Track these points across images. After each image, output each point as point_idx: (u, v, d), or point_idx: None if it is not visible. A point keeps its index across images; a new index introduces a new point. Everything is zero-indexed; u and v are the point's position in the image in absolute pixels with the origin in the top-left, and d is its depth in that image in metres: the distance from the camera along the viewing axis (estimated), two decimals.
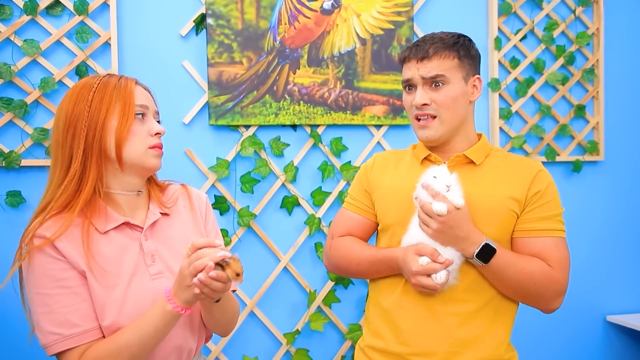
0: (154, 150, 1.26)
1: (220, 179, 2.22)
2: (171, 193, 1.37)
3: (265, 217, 2.28)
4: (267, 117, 2.24)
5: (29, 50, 2.02)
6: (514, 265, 1.37)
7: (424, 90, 1.43)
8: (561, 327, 2.61)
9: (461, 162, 1.46)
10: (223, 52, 2.19)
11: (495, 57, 2.50)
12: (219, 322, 1.29)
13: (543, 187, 1.42)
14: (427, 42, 1.44)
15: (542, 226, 1.40)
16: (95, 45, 2.09)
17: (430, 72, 1.41)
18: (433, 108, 1.43)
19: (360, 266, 1.52)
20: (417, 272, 1.34)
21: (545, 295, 1.40)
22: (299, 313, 2.32)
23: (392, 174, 1.54)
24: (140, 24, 2.16)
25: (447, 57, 1.42)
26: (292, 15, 2.27)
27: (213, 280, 1.08)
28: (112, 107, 1.21)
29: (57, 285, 1.16)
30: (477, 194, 1.40)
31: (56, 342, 1.14)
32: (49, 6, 2.06)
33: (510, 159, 1.49)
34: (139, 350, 1.14)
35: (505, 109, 2.51)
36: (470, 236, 1.34)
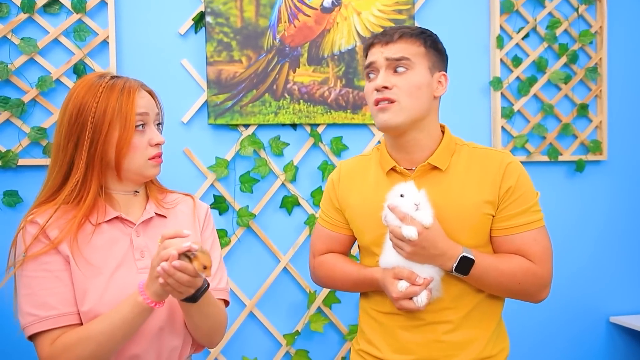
0: (153, 161, 1.28)
1: (219, 179, 2.20)
2: (173, 198, 1.37)
3: (265, 217, 2.26)
4: (266, 116, 2.22)
5: (26, 49, 2.00)
6: (495, 269, 1.34)
7: (386, 74, 1.38)
8: (564, 329, 2.58)
9: (427, 170, 1.41)
10: (222, 51, 2.17)
11: (497, 56, 2.47)
12: (199, 328, 1.26)
13: (514, 181, 1.37)
14: (394, 29, 1.41)
15: (518, 222, 1.37)
16: (93, 44, 2.07)
17: (395, 54, 1.36)
18: (394, 92, 1.36)
19: (345, 285, 1.52)
20: (397, 297, 1.32)
21: (530, 290, 1.39)
22: (299, 314, 2.29)
23: (359, 190, 1.49)
24: (138, 22, 2.14)
25: (413, 42, 1.38)
26: (292, 14, 2.25)
27: (177, 271, 1.07)
28: (115, 120, 1.22)
29: (41, 268, 1.18)
30: (448, 203, 1.36)
31: (32, 324, 1.16)
32: (46, 4, 2.04)
33: (476, 154, 1.43)
34: (107, 340, 1.14)
35: (507, 108, 2.48)
36: (446, 252, 1.31)
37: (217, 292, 1.33)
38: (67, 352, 1.14)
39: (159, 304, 1.15)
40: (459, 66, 2.45)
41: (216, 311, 1.27)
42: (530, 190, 1.40)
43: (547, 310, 2.54)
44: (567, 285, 2.58)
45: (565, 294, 2.57)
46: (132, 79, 1.30)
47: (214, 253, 1.36)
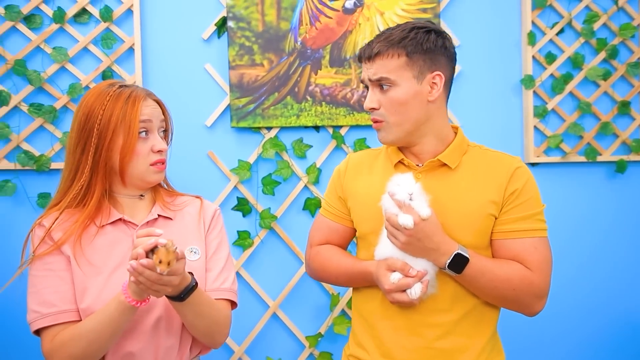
0: (154, 167, 1.31)
1: (242, 181, 2.23)
2: (181, 201, 1.41)
3: (287, 218, 2.27)
4: (288, 118, 2.23)
5: (58, 57, 2.09)
6: (490, 272, 1.31)
7: (373, 92, 1.36)
8: (598, 338, 2.46)
9: (436, 167, 1.39)
10: (244, 55, 2.20)
11: (529, 53, 2.39)
12: (196, 327, 1.28)
13: (520, 185, 1.35)
14: (374, 40, 1.36)
15: (520, 227, 1.34)
16: (120, 51, 2.14)
17: (375, 74, 1.34)
18: (380, 113, 1.36)
19: (339, 278, 1.50)
20: (390, 289, 1.30)
21: (525, 300, 1.34)
22: (322, 316, 2.29)
23: (365, 180, 1.48)
24: (163, 28, 2.20)
25: (391, 56, 1.33)
26: (314, 16, 2.25)
27: (145, 269, 1.10)
28: (119, 128, 1.26)
29: (45, 268, 1.25)
30: (453, 200, 1.34)
31: (36, 320, 1.23)
32: (76, 14, 2.13)
33: (487, 156, 1.42)
34: (96, 337, 1.18)
35: (540, 107, 2.39)
36: (440, 247, 1.28)
37: (219, 292, 1.35)
38: (62, 349, 1.20)
39: (142, 303, 1.18)
40: (488, 64, 2.38)
41: (212, 311, 1.29)
42: (537, 198, 1.38)
43: (584, 318, 2.43)
44: (601, 292, 2.46)
45: (601, 301, 2.45)
46: (140, 88, 1.34)
47: (219, 254, 1.39)
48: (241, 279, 2.24)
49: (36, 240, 1.28)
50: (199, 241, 1.37)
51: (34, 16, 2.11)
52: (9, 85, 2.10)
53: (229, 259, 1.40)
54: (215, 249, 1.38)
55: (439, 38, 1.37)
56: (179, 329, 1.31)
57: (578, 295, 2.43)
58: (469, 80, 2.38)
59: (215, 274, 1.35)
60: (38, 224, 1.29)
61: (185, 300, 1.20)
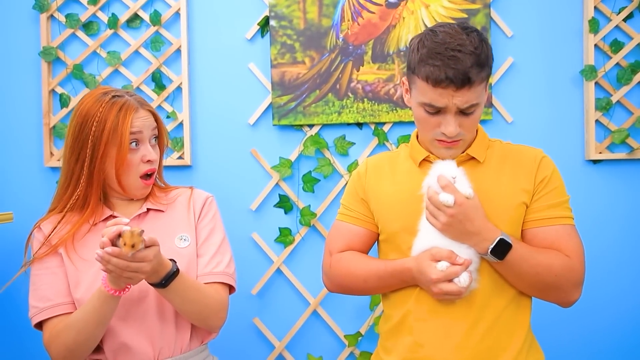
0: (142, 181, 1.37)
1: (283, 178, 2.25)
2: (174, 193, 1.45)
3: (329, 216, 2.27)
4: (329, 115, 2.22)
5: (112, 61, 2.22)
6: (532, 258, 1.28)
7: (455, 119, 1.28)
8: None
9: (464, 161, 1.37)
10: (285, 53, 2.22)
11: (591, 41, 2.21)
12: (183, 312, 1.32)
13: (549, 173, 1.36)
14: (461, 62, 1.22)
15: (552, 214, 1.34)
16: (168, 53, 2.24)
17: (467, 102, 1.26)
18: (461, 134, 1.31)
19: (368, 282, 1.41)
20: (437, 279, 1.25)
21: (565, 286, 1.32)
22: (363, 315, 2.27)
23: (389, 180, 1.44)
24: (208, 30, 2.26)
25: (482, 79, 1.26)
26: (356, 11, 2.22)
27: (112, 257, 1.13)
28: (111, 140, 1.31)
29: (42, 266, 1.34)
30: (485, 192, 1.31)
31: (35, 314, 1.32)
32: (128, 19, 2.25)
33: (510, 149, 1.43)
34: (84, 326, 1.24)
35: (604, 99, 2.21)
36: (482, 231, 1.25)
37: (211, 275, 1.38)
38: (57, 339, 1.28)
39: (120, 292, 1.22)
40: (544, 55, 2.24)
41: (200, 296, 1.31)
42: (563, 187, 1.39)
43: None
44: None
45: None
46: (133, 98, 1.37)
47: (211, 240, 1.42)
48: (282, 276, 2.26)
49: (35, 243, 1.38)
50: (189, 229, 1.41)
51: (91, 23, 2.25)
52: (68, 88, 2.26)
53: (222, 244, 1.42)
54: (207, 235, 1.41)
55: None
56: (173, 316, 1.34)
57: (635, 303, 2.23)
58: (522, 73, 2.24)
59: (207, 259, 1.38)
60: (37, 227, 1.39)
61: (167, 286, 1.23)
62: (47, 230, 1.36)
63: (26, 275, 1.41)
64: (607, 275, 2.21)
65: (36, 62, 2.26)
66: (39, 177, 2.28)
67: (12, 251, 2.26)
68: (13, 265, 2.25)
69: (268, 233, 2.26)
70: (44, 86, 2.24)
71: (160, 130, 1.42)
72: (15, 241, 2.24)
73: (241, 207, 2.25)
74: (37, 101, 2.27)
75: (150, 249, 1.18)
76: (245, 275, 2.11)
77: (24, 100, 2.27)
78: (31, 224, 1.43)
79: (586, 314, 2.18)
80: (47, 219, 1.39)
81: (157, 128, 1.40)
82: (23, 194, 2.27)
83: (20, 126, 2.28)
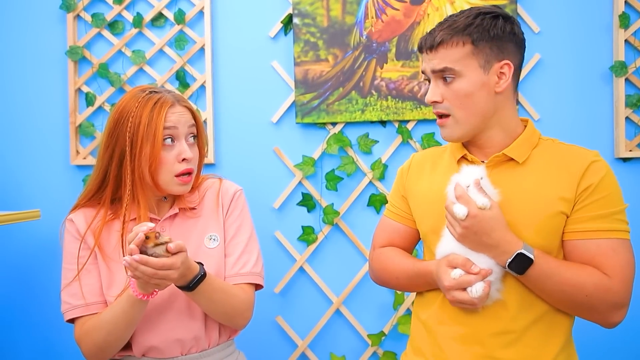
0: (179, 179, 1.32)
1: (306, 176, 2.24)
2: (203, 187, 1.43)
3: (352, 215, 2.25)
4: (353, 113, 2.21)
5: (136, 60, 2.24)
6: (558, 275, 1.18)
7: (435, 85, 1.27)
8: None
9: (502, 161, 1.28)
10: (309, 51, 2.21)
11: (621, 37, 2.16)
12: (210, 313, 1.32)
13: (596, 180, 1.22)
14: (437, 28, 1.26)
15: (594, 226, 1.21)
16: (192, 52, 2.25)
17: (438, 65, 1.24)
18: (445, 106, 1.26)
19: (400, 280, 1.41)
20: (450, 286, 1.21)
21: (600, 308, 1.21)
22: (387, 314, 2.25)
23: (428, 177, 1.40)
24: (232, 28, 2.27)
25: (456, 44, 1.23)
26: (380, 9, 2.20)
27: (139, 264, 1.13)
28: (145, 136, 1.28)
29: (74, 261, 1.34)
30: (520, 197, 1.23)
31: (67, 310, 1.33)
32: (153, 18, 2.26)
33: (560, 150, 1.29)
34: (113, 328, 1.25)
35: (635, 96, 2.16)
36: (500, 244, 1.18)
37: (239, 277, 1.37)
38: (88, 336, 1.29)
39: (148, 296, 1.22)
40: (572, 51, 2.19)
41: (226, 297, 1.31)
42: (616, 195, 1.24)
43: None
44: None
45: None
46: (170, 94, 1.34)
47: (238, 238, 1.39)
48: (305, 274, 2.26)
49: (67, 235, 1.37)
50: (218, 226, 1.38)
51: (116, 22, 2.27)
52: (94, 87, 2.28)
53: (250, 241, 1.40)
54: (235, 233, 1.39)
55: (507, 24, 1.26)
56: (202, 315, 1.34)
57: None
58: (550, 69, 2.20)
59: (234, 259, 1.37)
60: (68, 220, 1.37)
61: (194, 289, 1.23)
62: (79, 223, 1.35)
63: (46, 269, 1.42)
64: None
65: (63, 61, 2.29)
66: (65, 175, 2.30)
67: (39, 247, 2.29)
68: (40, 261, 2.29)
69: (291, 231, 2.25)
70: (70, 85, 2.26)
71: (199, 130, 1.37)
72: (42, 238, 2.28)
73: (264, 205, 2.25)
74: (64, 100, 2.29)
75: (178, 256, 1.17)
76: (268, 274, 2.09)
77: (50, 98, 2.31)
78: (57, 221, 1.44)
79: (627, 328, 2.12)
80: (75, 212, 1.38)
81: (195, 127, 1.36)
82: (49, 192, 2.30)
83: (47, 124, 2.31)
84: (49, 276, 2.26)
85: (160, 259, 1.14)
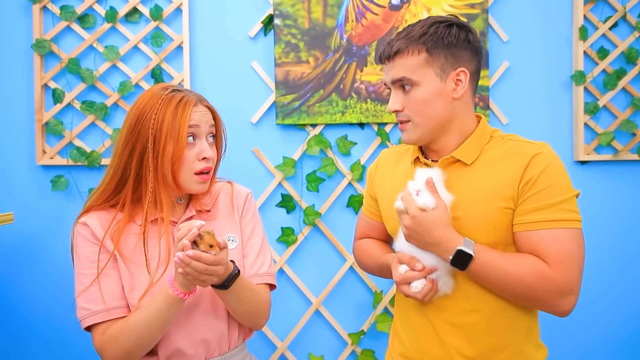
0: (199, 177, 1.30)
1: (286, 178, 2.25)
2: (214, 190, 1.42)
3: (331, 215, 2.28)
4: (333, 115, 2.23)
5: (109, 56, 2.15)
6: (498, 268, 1.23)
7: (395, 94, 1.31)
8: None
9: (450, 163, 1.33)
10: (290, 52, 2.21)
11: (581, 48, 2.32)
12: (237, 312, 1.31)
13: (536, 173, 1.25)
14: (394, 38, 1.30)
15: (536, 218, 1.24)
16: (169, 49, 2.18)
17: (396, 75, 1.28)
18: (405, 114, 1.31)
19: (374, 271, 1.53)
20: (397, 281, 1.29)
21: (543, 297, 1.23)
22: (365, 313, 2.29)
23: (390, 179, 1.46)
24: (211, 27, 2.23)
25: (411, 53, 1.27)
26: (360, 13, 2.24)
27: (192, 260, 1.12)
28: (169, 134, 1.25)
29: (92, 266, 1.27)
30: (467, 197, 1.29)
31: (86, 317, 1.26)
32: (127, 13, 2.18)
33: (507, 146, 1.32)
34: (146, 330, 1.21)
35: (592, 104, 2.33)
36: (441, 242, 1.23)
37: (257, 277, 1.36)
38: (114, 342, 1.23)
39: (189, 295, 1.20)
40: (538, 60, 2.33)
41: (253, 296, 1.30)
42: (560, 186, 1.26)
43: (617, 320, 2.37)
44: None
45: None
46: (193, 94, 1.32)
47: (253, 239, 1.40)
48: (284, 275, 2.25)
49: (80, 240, 1.30)
50: (235, 228, 1.39)
51: (87, 16, 2.17)
52: (62, 83, 2.17)
53: (264, 242, 1.41)
54: (250, 234, 1.39)
55: (461, 32, 1.29)
56: (226, 318, 1.33)
57: (622, 298, 2.36)
58: (517, 76, 2.33)
59: (252, 260, 1.37)
60: (82, 223, 1.31)
61: (229, 288, 1.22)
62: (94, 226, 1.29)
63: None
64: (596, 274, 2.32)
65: (28, 55, 2.16)
66: (31, 176, 2.17)
67: (9, 252, 2.15)
68: (12, 265, 2.15)
69: (270, 233, 2.25)
70: (37, 80, 2.14)
71: (218, 130, 1.37)
72: (10, 243, 2.14)
73: None
74: (29, 96, 2.16)
75: (224, 252, 1.16)
76: None
77: (14, 94, 2.17)
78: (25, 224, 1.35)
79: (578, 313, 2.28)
80: (88, 214, 1.31)
81: (215, 127, 1.35)
82: (14, 194, 2.16)
83: (11, 122, 2.17)
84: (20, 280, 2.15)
85: (211, 255, 1.13)
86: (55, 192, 2.17)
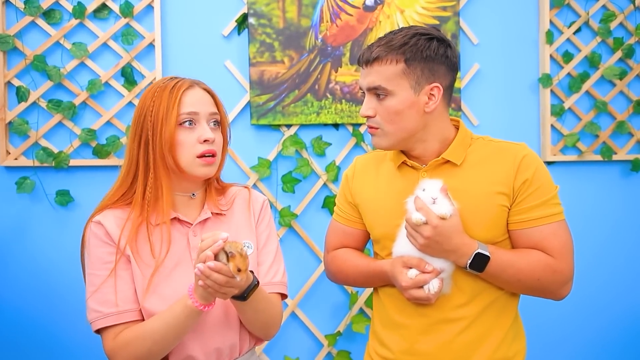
0: (201, 159, 1.27)
1: (261, 179, 2.22)
2: (231, 194, 1.39)
3: (306, 217, 2.27)
4: (308, 116, 2.22)
5: (77, 53, 2.07)
6: (512, 266, 1.31)
7: (369, 100, 1.33)
8: (606, 335, 2.48)
9: (440, 165, 1.36)
10: (264, 52, 2.19)
11: (547, 52, 2.39)
12: (251, 323, 1.28)
13: (530, 174, 1.32)
14: (375, 44, 1.32)
15: (536, 215, 1.32)
16: (140, 47, 2.13)
17: (371, 82, 1.31)
18: (376, 120, 1.33)
19: (357, 280, 1.50)
20: (407, 286, 1.30)
21: (550, 287, 1.34)
22: (340, 314, 2.29)
23: (372, 184, 1.47)
24: (183, 24, 2.18)
25: (389, 62, 1.29)
26: (334, 13, 2.24)
27: (213, 272, 1.09)
28: (164, 120, 1.24)
29: (104, 267, 1.24)
30: (461, 196, 1.32)
31: (97, 319, 1.22)
32: (96, 9, 2.11)
33: (491, 147, 1.39)
34: (161, 338, 1.18)
35: (558, 106, 2.40)
36: (459, 248, 1.28)
37: (271, 286, 1.34)
38: (126, 348, 1.19)
39: (208, 307, 1.17)
40: (506, 63, 2.39)
41: (269, 306, 1.28)
42: (548, 182, 1.36)
43: (593, 314, 2.45)
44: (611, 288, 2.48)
45: (611, 298, 2.47)
46: (188, 79, 1.31)
47: (268, 246, 1.38)
48: None
49: (94, 239, 1.26)
50: (251, 234, 1.36)
51: (53, 11, 2.09)
52: (27, 81, 2.08)
53: (278, 250, 1.39)
54: (265, 242, 1.37)
55: (441, 46, 1.32)
56: (238, 327, 1.30)
57: (588, 293, 2.43)
58: (487, 78, 2.38)
59: (267, 268, 1.34)
60: (95, 222, 1.26)
61: (248, 298, 1.19)
62: (109, 226, 1.25)
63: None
64: None
65: None
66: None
67: None
68: None
69: None
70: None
71: (221, 116, 1.33)
72: None
73: None
74: None
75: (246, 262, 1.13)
76: None
77: None
78: None
79: None
80: (102, 213, 1.27)
81: (217, 114, 1.31)
82: None
83: None
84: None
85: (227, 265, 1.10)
86: (21, 194, 2.08)
